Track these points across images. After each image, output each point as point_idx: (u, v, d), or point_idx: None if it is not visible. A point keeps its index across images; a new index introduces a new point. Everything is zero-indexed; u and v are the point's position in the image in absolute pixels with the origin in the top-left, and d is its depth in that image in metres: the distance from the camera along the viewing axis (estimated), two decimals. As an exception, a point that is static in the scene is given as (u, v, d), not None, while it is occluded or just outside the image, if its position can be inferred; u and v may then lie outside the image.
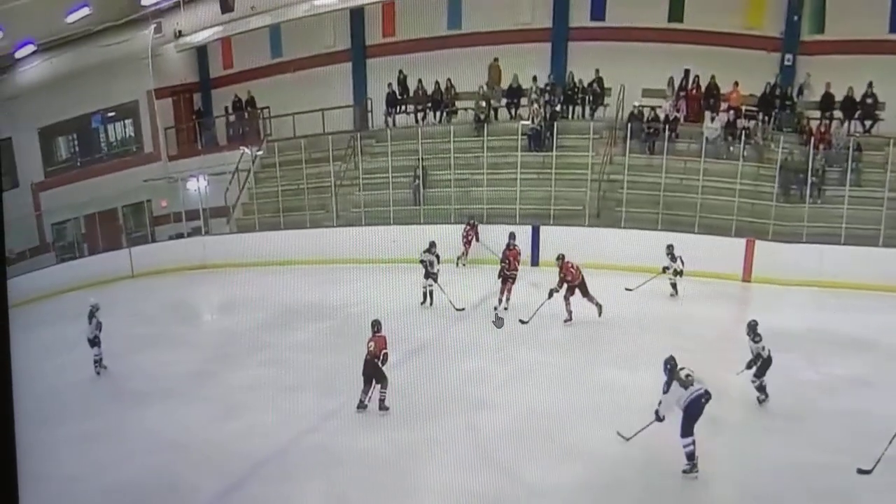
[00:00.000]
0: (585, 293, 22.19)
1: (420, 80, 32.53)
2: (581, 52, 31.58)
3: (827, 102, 28.56)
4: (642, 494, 14.41)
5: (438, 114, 32.85)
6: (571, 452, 15.46)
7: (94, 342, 20.92)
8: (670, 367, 14.69)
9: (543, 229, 28.03)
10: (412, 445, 16.16)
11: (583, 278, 22.18)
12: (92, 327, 20.85)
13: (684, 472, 14.52)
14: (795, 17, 29.30)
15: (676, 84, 29.99)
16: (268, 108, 35.49)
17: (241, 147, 33.73)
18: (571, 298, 22.22)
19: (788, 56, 29.70)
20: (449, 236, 26.92)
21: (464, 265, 28.16)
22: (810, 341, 20.74)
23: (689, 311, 23.29)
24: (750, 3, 30.07)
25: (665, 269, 24.19)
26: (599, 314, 22.26)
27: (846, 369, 19.12)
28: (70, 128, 36.08)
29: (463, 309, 23.68)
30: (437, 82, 32.41)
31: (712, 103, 29.45)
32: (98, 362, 21.01)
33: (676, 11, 30.29)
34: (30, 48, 33.34)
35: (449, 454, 15.75)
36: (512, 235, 24.57)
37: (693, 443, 14.40)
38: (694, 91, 29.88)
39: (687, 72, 29.91)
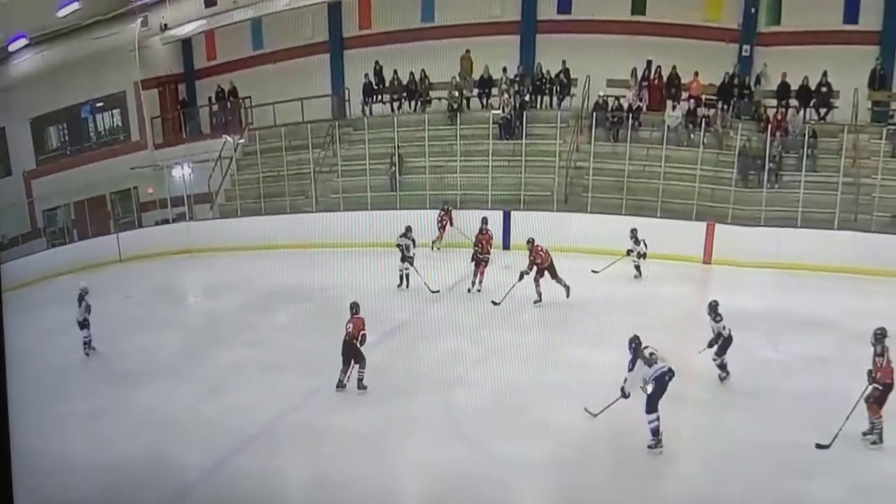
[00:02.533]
0: (554, 275, 22.66)
1: (395, 71, 32.86)
2: (548, 44, 31.80)
3: (783, 91, 28.95)
4: (609, 468, 14.98)
5: (413, 103, 33.10)
6: (541, 428, 15.96)
7: (84, 325, 21.28)
8: (635, 345, 15.18)
9: (514, 214, 28.42)
10: (389, 422, 16.59)
11: (552, 261, 22.65)
12: (81, 310, 21.20)
13: (649, 447, 15.00)
14: (753, 10, 29.66)
15: (639, 74, 30.33)
16: (249, 97, 35.52)
17: (224, 135, 33.99)
18: (541, 280, 22.68)
19: (746, 47, 30.02)
20: (424, 221, 27.29)
21: (438, 249, 28.45)
22: (769, 321, 21.17)
23: (652, 291, 23.73)
24: (709, -4, 30.57)
25: (629, 252, 24.70)
26: (567, 295, 22.73)
27: (804, 348, 19.61)
28: (60, 118, 36.07)
29: (438, 291, 24.31)
30: (411, 73, 32.69)
31: (673, 93, 29.82)
32: (87, 344, 21.39)
33: (639, 5, 30.61)
34: (22, 42, 33.54)
35: (425, 431, 16.32)
36: (484, 220, 25.10)
37: (657, 419, 14.90)
38: (656, 81, 30.24)
39: (649, 63, 30.31)
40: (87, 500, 14.75)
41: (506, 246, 27.98)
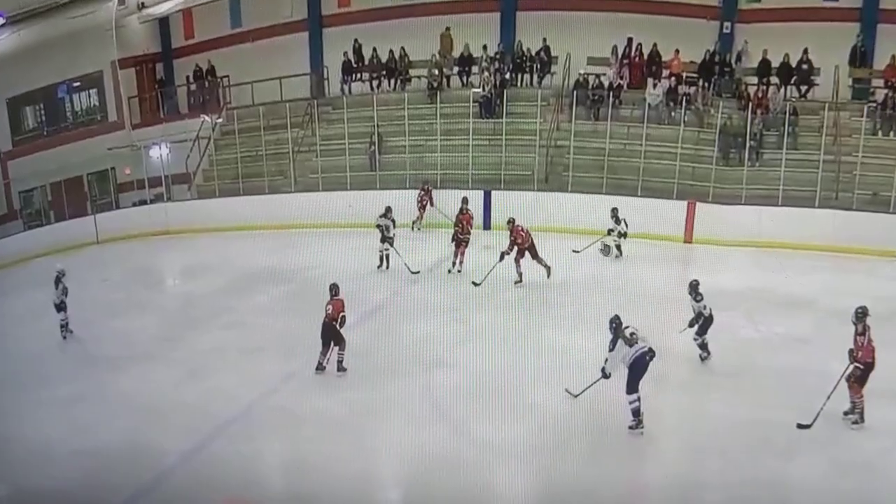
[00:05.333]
0: (535, 255, 22.69)
1: (375, 49, 32.84)
2: (529, 21, 31.85)
3: (764, 69, 29.09)
4: (590, 449, 14.83)
5: (393, 82, 33.16)
6: (522, 409, 15.96)
7: (61, 307, 21.17)
8: (615, 325, 15.10)
9: (495, 194, 28.45)
10: (369, 405, 16.56)
11: (532, 241, 22.68)
12: (58, 293, 21.06)
13: (630, 428, 15.01)
14: (734, -14, 29.91)
15: (620, 52, 30.32)
16: (227, 76, 35.54)
17: (202, 115, 33.88)
18: (522, 261, 22.69)
19: (727, 24, 30.15)
20: (404, 201, 27.29)
21: (419, 229, 28.51)
22: (750, 300, 21.35)
23: (633, 271, 23.76)
24: (689, -27, 30.49)
25: (610, 232, 24.70)
26: (548, 275, 22.78)
27: (785, 327, 19.74)
28: (37, 98, 36.10)
29: (418, 272, 24.25)
30: (391, 51, 32.70)
31: (654, 70, 29.93)
32: (64, 327, 21.31)
33: (620, -19, 30.64)
34: None
35: (404, 413, 16.27)
36: (465, 200, 24.95)
37: (638, 399, 14.89)
38: (637, 59, 30.28)
39: (630, 40, 30.30)
40: (64, 486, 14.58)
41: (486, 226, 27.94)
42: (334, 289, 18.03)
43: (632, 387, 14.94)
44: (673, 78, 29.69)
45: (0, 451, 15.67)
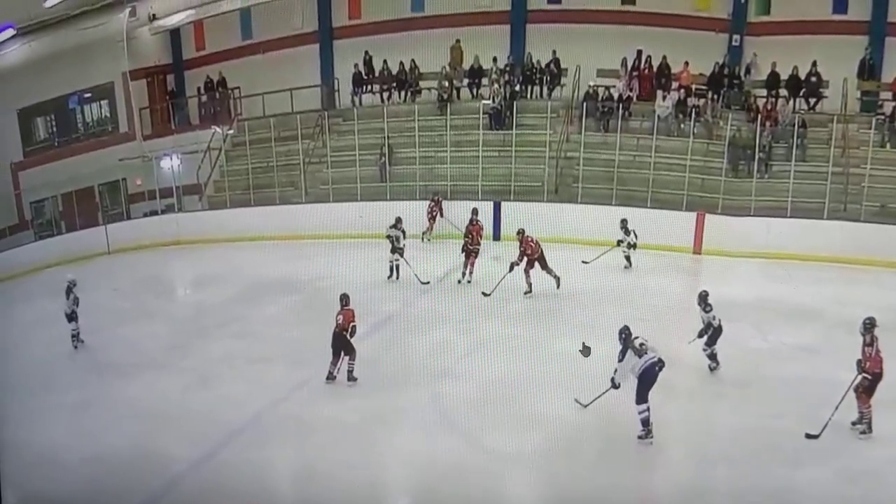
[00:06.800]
0: (544, 266, 22.71)
1: (385, 61, 32.84)
2: (539, 33, 31.86)
3: (773, 81, 29.10)
4: (599, 459, 14.87)
5: (403, 93, 33.17)
6: (531, 419, 15.89)
7: (72, 317, 21.05)
8: (625, 336, 15.15)
9: (504, 205, 28.47)
10: (379, 414, 16.58)
11: (542, 252, 22.70)
12: (69, 303, 20.93)
13: (639, 437, 15.03)
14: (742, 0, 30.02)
15: (629, 64, 30.37)
16: (238, 88, 35.50)
17: (213, 126, 33.86)
18: (531, 271, 22.71)
19: (736, 37, 30.20)
20: (414, 212, 27.18)
21: (429, 240, 28.49)
22: (759, 311, 21.33)
23: (642, 282, 23.74)
24: (699, -14, 30.62)
25: (619, 243, 24.75)
26: (558, 286, 22.82)
27: (793, 337, 19.73)
28: (48, 109, 35.92)
29: (428, 282, 24.24)
30: (401, 63, 32.70)
31: (664, 82, 29.93)
32: (75, 337, 21.17)
33: (629, -6, 30.75)
34: (10, 32, 33.24)
35: (414, 422, 16.33)
36: (475, 211, 25.00)
37: (647, 409, 14.94)
38: (646, 71, 30.31)
39: (639, 52, 30.37)
40: (73, 493, 14.66)
41: (496, 237, 28.03)
42: (344, 299, 18.01)
43: (641, 397, 14.98)
44: (682, 90, 29.68)
45: (9, 457, 15.62)
